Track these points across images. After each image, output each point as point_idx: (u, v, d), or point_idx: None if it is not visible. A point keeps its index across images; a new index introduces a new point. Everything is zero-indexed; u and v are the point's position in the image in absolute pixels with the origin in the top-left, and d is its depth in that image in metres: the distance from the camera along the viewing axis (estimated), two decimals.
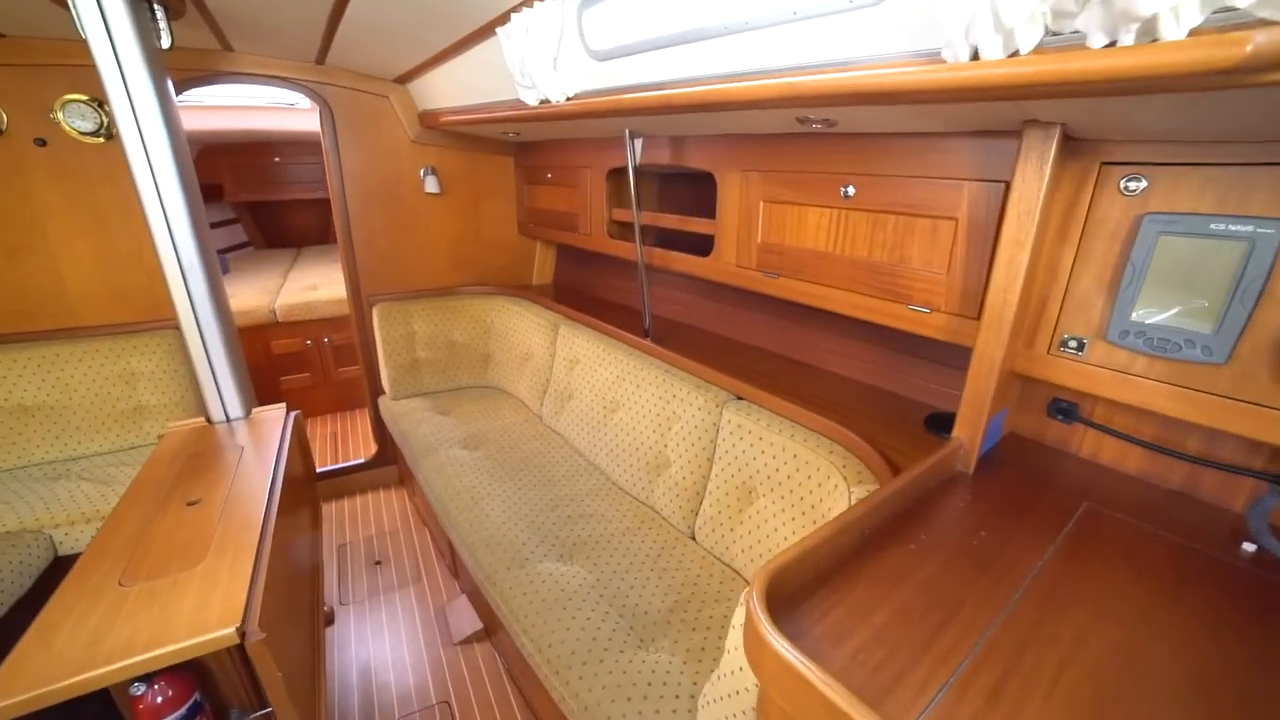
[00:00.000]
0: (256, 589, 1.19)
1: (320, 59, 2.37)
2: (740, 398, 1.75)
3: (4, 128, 2.16)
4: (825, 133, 1.39)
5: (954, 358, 1.55)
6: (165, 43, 1.68)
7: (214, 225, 4.98)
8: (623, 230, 2.28)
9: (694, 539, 1.81)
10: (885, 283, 1.35)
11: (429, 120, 2.55)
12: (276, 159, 5.12)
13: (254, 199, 5.24)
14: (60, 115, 2.20)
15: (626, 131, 1.83)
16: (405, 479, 3.05)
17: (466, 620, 2.18)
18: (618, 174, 2.21)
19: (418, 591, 2.41)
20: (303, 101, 2.59)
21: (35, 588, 1.89)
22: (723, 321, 2.19)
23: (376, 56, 2.22)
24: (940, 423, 1.51)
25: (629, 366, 2.07)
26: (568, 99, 1.58)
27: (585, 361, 2.30)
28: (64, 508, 2.04)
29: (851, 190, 1.37)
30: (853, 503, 1.26)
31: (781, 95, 1.06)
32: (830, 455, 1.43)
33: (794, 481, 1.49)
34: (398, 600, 2.37)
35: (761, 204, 1.59)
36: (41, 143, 2.21)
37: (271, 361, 3.63)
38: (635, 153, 1.89)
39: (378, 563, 2.57)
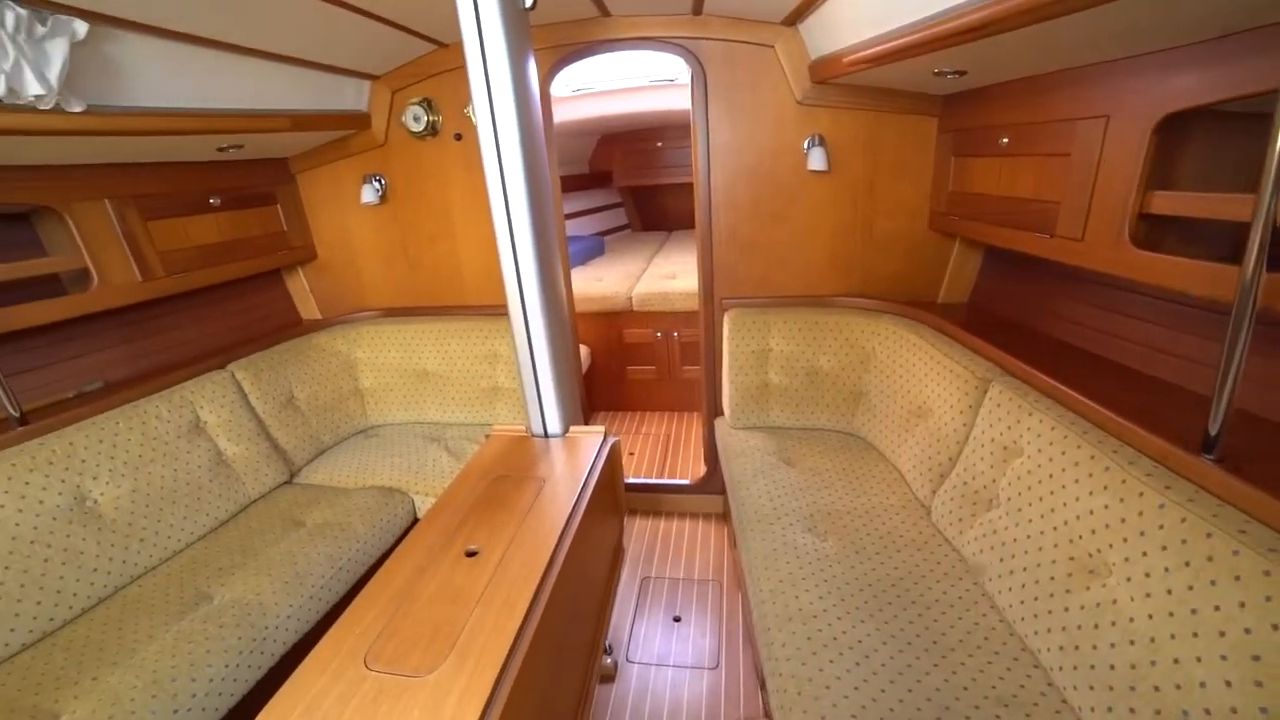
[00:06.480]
0: None
1: (696, 8, 1.93)
2: None
3: (439, 128, 2.35)
4: None
5: None
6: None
7: (600, 209, 5.42)
8: (1157, 233, 1.21)
9: None
10: None
11: (824, 70, 1.87)
12: (659, 144, 5.25)
13: (636, 184, 5.53)
14: (470, 110, 2.30)
15: None
16: (730, 516, 2.58)
17: None
18: (1182, 124, 1.14)
19: (712, 682, 1.89)
20: (684, 75, 2.23)
21: (395, 546, 2.03)
22: None
23: None
24: None
25: (1153, 509, 1.04)
26: None
27: (1037, 458, 1.33)
28: (426, 476, 2.17)
29: None
30: None
31: None
32: None
33: None
34: (686, 683, 1.89)
35: None
36: (458, 137, 2.35)
37: (622, 350, 3.60)
38: None
39: (677, 619, 2.15)
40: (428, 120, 2.31)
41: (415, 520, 2.13)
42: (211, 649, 1.39)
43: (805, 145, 2.10)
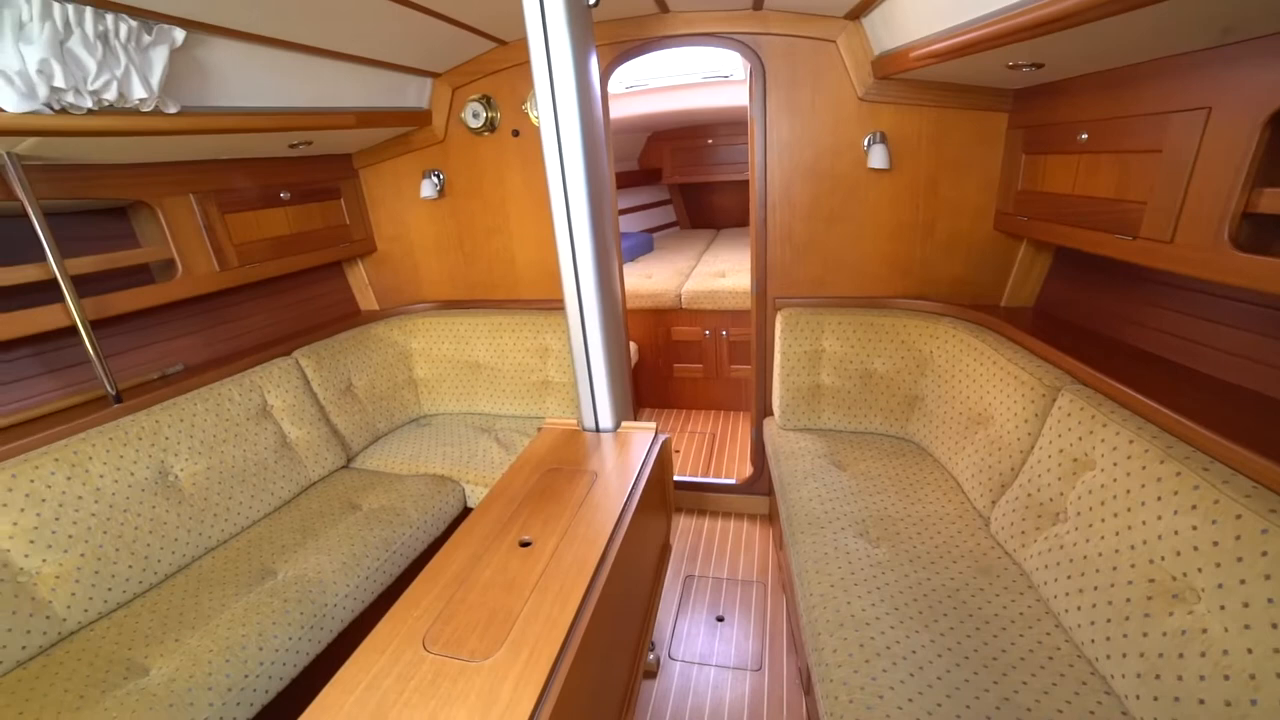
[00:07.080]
0: None
1: (757, 3, 1.91)
2: None
3: (497, 125, 2.39)
4: None
5: None
6: None
7: (649, 206, 5.42)
8: (1264, 234, 1.12)
9: None
10: None
11: (888, 65, 1.81)
12: (710, 141, 5.22)
13: (685, 181, 5.51)
14: (529, 106, 2.33)
15: None
16: (775, 518, 2.55)
17: None
18: None
19: (754, 684, 1.87)
20: (739, 72, 2.21)
21: (446, 533, 2.08)
22: None
23: None
24: None
25: (1254, 533, 0.97)
26: None
27: (1112, 472, 1.26)
28: (476, 466, 2.22)
29: None
30: None
31: None
32: None
33: None
34: (728, 684, 1.87)
35: None
36: (515, 133, 2.38)
37: (670, 347, 3.60)
38: None
39: (719, 619, 2.14)
40: (486, 117, 2.36)
41: (466, 508, 2.19)
42: (276, 621, 1.47)
43: (866, 143, 2.04)
